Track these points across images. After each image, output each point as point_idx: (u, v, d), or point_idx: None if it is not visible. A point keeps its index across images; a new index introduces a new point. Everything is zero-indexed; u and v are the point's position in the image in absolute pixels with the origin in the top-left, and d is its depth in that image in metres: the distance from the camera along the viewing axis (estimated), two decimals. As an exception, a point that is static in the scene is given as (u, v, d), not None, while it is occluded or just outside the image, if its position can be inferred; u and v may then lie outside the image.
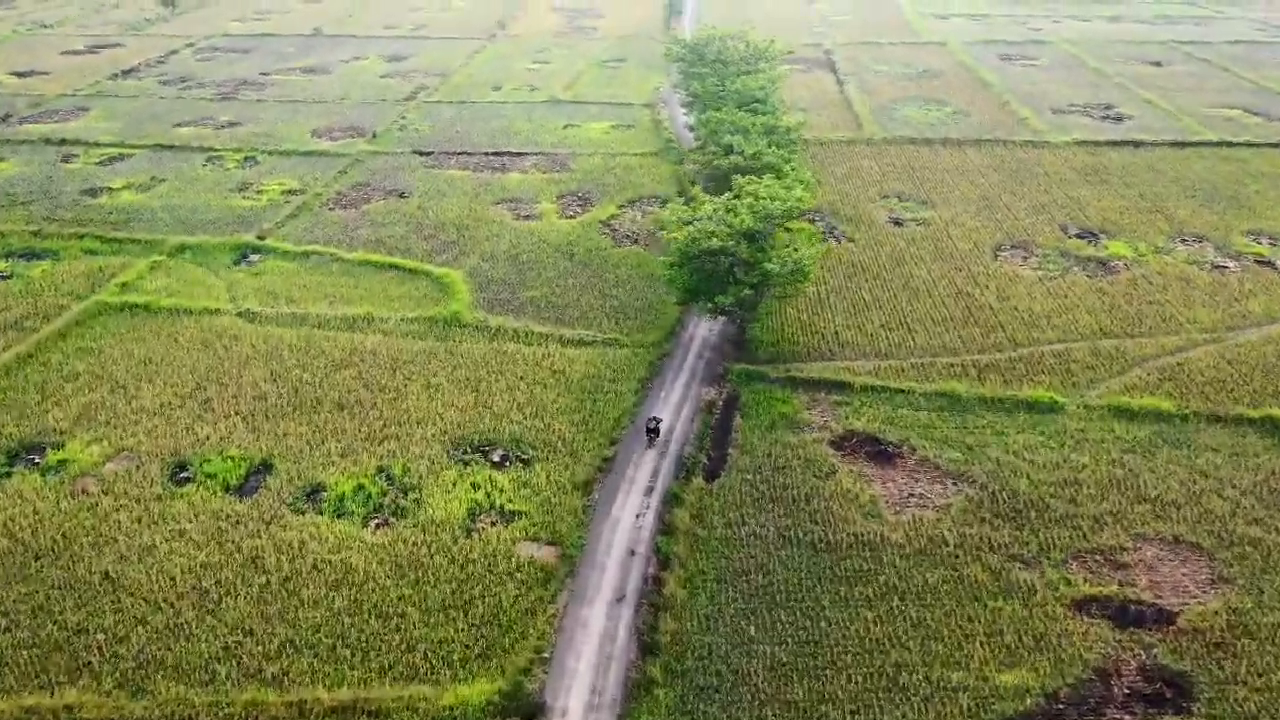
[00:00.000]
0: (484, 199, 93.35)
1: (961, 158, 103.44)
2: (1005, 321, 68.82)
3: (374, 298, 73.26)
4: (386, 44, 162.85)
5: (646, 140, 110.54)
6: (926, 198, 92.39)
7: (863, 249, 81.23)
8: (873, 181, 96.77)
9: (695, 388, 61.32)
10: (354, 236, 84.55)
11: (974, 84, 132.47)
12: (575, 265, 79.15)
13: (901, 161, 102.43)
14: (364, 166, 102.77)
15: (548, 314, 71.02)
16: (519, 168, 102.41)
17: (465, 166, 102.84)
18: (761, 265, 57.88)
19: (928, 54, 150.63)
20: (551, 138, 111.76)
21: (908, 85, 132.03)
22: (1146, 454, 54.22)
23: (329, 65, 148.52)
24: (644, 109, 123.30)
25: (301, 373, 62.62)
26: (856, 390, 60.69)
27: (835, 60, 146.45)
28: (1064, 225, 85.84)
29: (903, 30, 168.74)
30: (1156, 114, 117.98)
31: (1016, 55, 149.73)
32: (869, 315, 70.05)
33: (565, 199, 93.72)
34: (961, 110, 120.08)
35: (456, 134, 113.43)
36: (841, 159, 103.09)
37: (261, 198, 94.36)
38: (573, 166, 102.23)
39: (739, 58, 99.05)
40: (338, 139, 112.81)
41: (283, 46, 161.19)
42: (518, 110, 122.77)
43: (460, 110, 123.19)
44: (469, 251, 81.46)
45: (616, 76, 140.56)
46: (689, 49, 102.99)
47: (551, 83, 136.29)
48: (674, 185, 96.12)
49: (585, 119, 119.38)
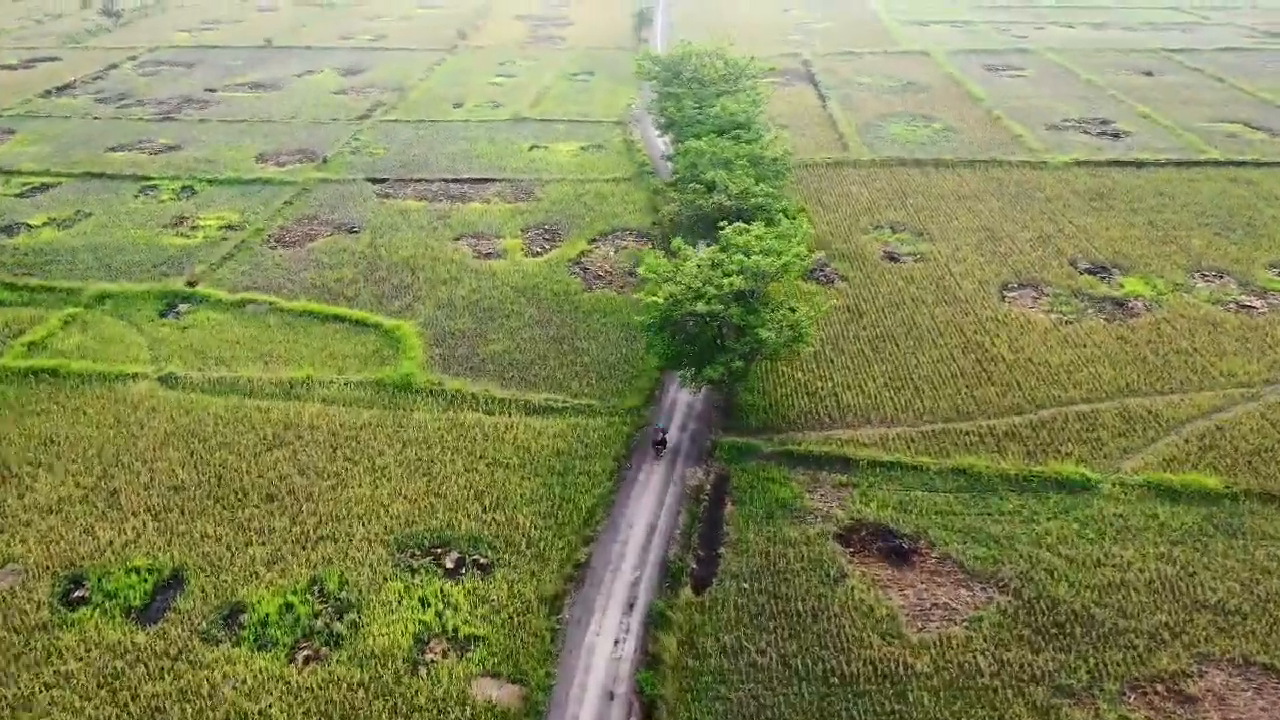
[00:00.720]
0: (442, 234, 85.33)
1: (956, 181, 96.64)
2: (1021, 378, 61.83)
3: (316, 356, 65.14)
4: (342, 56, 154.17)
5: (618, 163, 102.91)
6: (923, 228, 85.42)
7: (858, 290, 74.05)
8: (863, 209, 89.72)
9: (679, 466, 53.76)
10: (296, 281, 76.28)
11: (962, 97, 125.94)
12: (542, 313, 71.41)
13: (893, 186, 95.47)
14: (312, 197, 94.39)
15: (511, 374, 63.25)
16: (481, 196, 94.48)
17: (422, 196, 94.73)
18: (754, 331, 50.38)
19: (911, 64, 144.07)
20: (516, 161, 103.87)
21: (893, 99, 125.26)
22: (1198, 545, 47.31)
23: (280, 80, 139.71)
24: (615, 128, 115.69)
25: (227, 454, 54.43)
26: (862, 467, 53.39)
27: (815, 72, 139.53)
28: (1073, 259, 79.14)
29: (882, 39, 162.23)
30: (1155, 130, 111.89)
31: (1002, 65, 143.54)
32: (870, 371, 62.84)
33: (531, 233, 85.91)
34: (951, 127, 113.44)
35: (413, 158, 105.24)
36: (828, 184, 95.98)
37: (197, 234, 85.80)
38: (539, 195, 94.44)
39: (717, 76, 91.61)
40: (285, 164, 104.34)
41: (231, 59, 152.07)
42: (480, 130, 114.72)
43: (418, 130, 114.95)
44: (424, 298, 73.47)
45: (585, 91, 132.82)
46: (663, 66, 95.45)
47: (516, 98, 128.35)
48: (649, 214, 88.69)
49: (552, 139, 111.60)
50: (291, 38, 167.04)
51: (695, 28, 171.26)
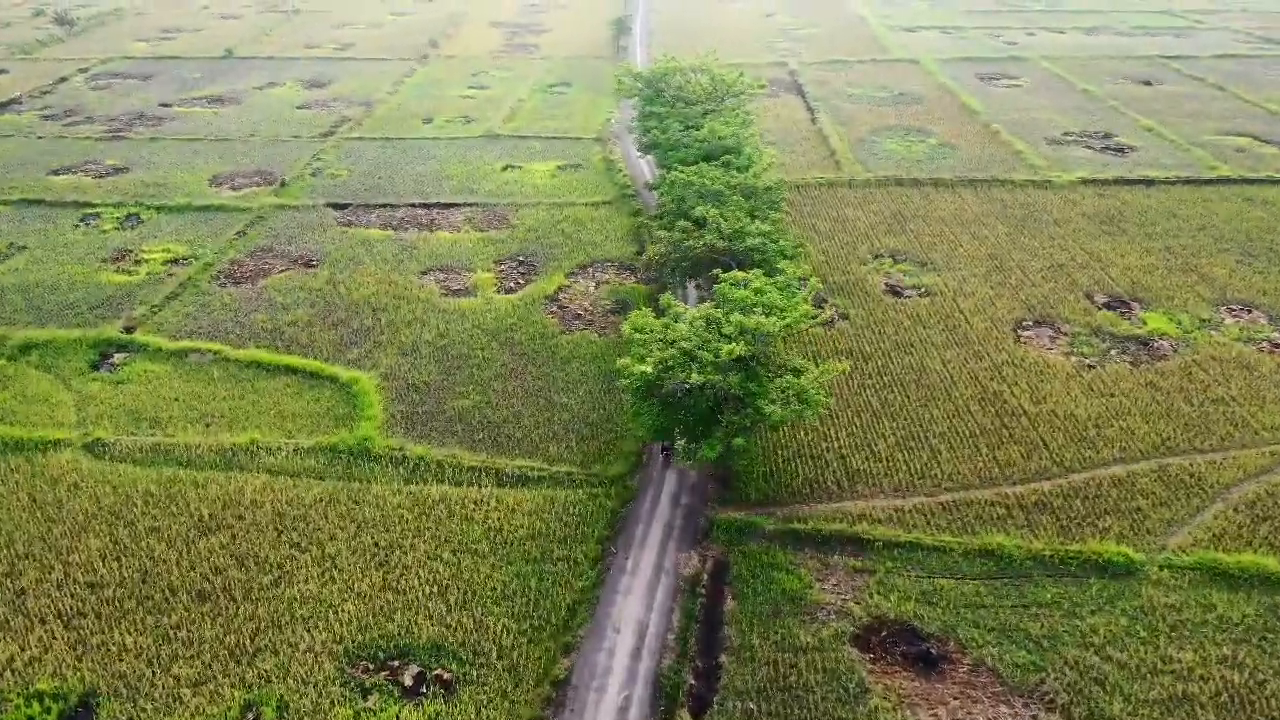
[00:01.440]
0: (408, 267, 78.69)
1: (958, 203, 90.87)
2: (1047, 435, 55.93)
3: (263, 416, 58.43)
4: (306, 67, 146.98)
5: (598, 185, 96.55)
6: (925, 257, 79.55)
7: (861, 331, 68.05)
8: (861, 235, 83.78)
9: (672, 552, 47.49)
10: (246, 325, 69.47)
11: (957, 110, 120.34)
12: (516, 359, 64.98)
13: (890, 209, 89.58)
14: (267, 225, 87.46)
15: (481, 435, 56.77)
16: (450, 223, 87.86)
17: (387, 223, 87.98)
18: (756, 404, 44.09)
19: (902, 74, 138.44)
20: (489, 184, 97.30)
21: (885, 112, 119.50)
22: (1263, 644, 41.49)
23: (239, 94, 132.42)
24: (594, 145, 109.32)
25: (155, 542, 47.70)
26: (878, 549, 47.29)
27: (803, 83, 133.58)
28: (1089, 291, 73.45)
29: (871, 46, 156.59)
30: (1161, 144, 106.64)
31: (997, 75, 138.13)
32: (879, 429, 56.79)
33: (505, 266, 79.42)
34: (948, 142, 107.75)
35: (379, 180, 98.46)
36: (823, 207, 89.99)
37: (139, 270, 78.76)
38: (514, 221, 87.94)
39: (703, 94, 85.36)
40: (241, 188, 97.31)
41: (189, 71, 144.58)
42: (450, 149, 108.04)
43: (385, 149, 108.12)
44: (386, 344, 66.86)
45: (562, 105, 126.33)
46: (645, 83, 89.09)
47: (490, 113, 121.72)
48: (631, 243, 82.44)
49: (528, 158, 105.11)
50: (254, 47, 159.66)
51: (675, 34, 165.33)
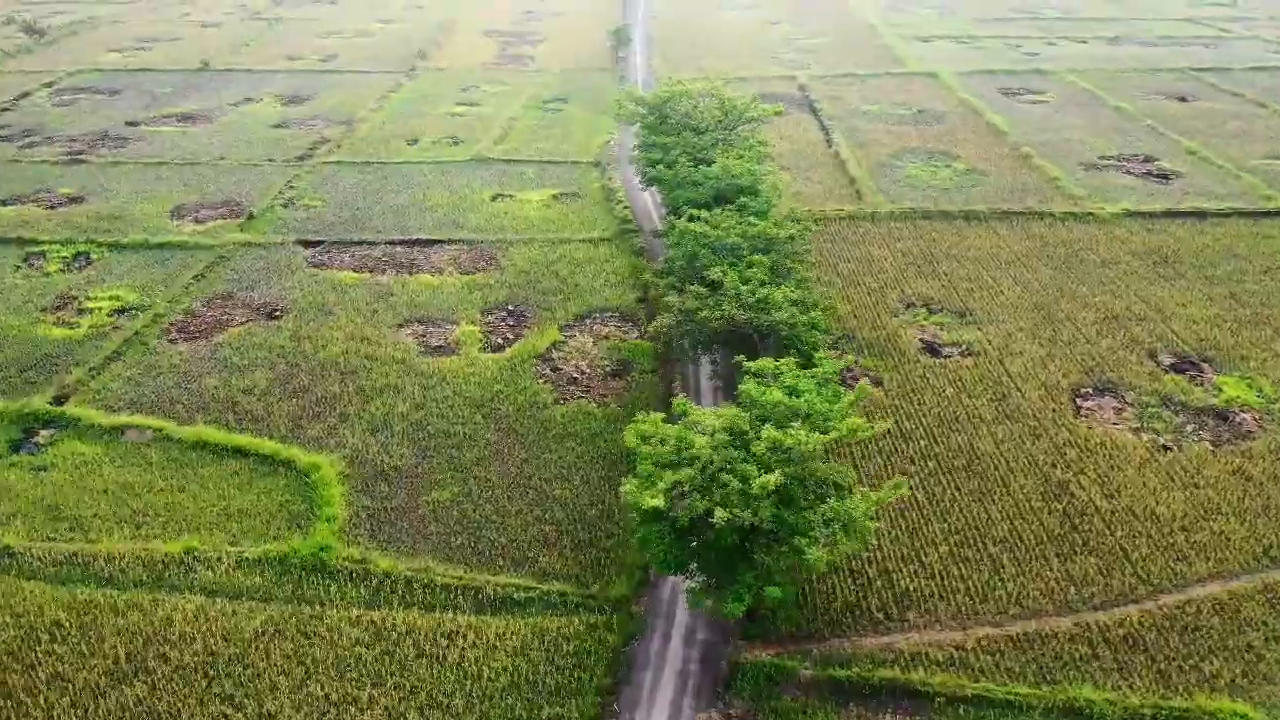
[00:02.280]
0: (383, 318, 70.12)
1: (993, 239, 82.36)
2: (1126, 541, 47.43)
3: (204, 515, 49.85)
4: (286, 81, 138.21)
5: (596, 218, 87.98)
6: (963, 306, 71.06)
7: (898, 401, 59.53)
8: (889, 279, 75.25)
9: (686, 710, 38.89)
10: (195, 393, 60.87)
11: (982, 130, 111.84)
12: (502, 437, 56.45)
13: (920, 246, 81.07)
14: (230, 266, 78.82)
15: (460, 539, 48.24)
16: (432, 264, 79.26)
17: (363, 264, 79.36)
18: (794, 542, 35.46)
19: (919, 89, 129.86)
20: (477, 216, 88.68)
21: (906, 132, 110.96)
22: None
23: (212, 110, 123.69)
24: (591, 170, 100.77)
25: (55, 696, 39.11)
26: (939, 706, 38.77)
27: (815, 99, 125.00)
28: (1152, 349, 64.99)
29: (884, 58, 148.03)
30: (1207, 170, 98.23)
31: (1020, 90, 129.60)
32: (928, 532, 48.27)
33: (492, 317, 70.87)
34: (976, 168, 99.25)
35: (356, 212, 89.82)
36: (845, 245, 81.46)
37: (82, 322, 70.14)
38: (503, 261, 79.38)
39: (713, 121, 76.72)
40: (205, 220, 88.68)
41: (161, 85, 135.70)
42: (436, 175, 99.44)
43: (364, 176, 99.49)
44: (354, 417, 58.29)
45: (558, 123, 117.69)
46: (648, 108, 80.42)
47: (480, 133, 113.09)
48: (632, 288, 73.99)
49: (520, 185, 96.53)
50: (232, 58, 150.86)
51: (676, 44, 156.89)
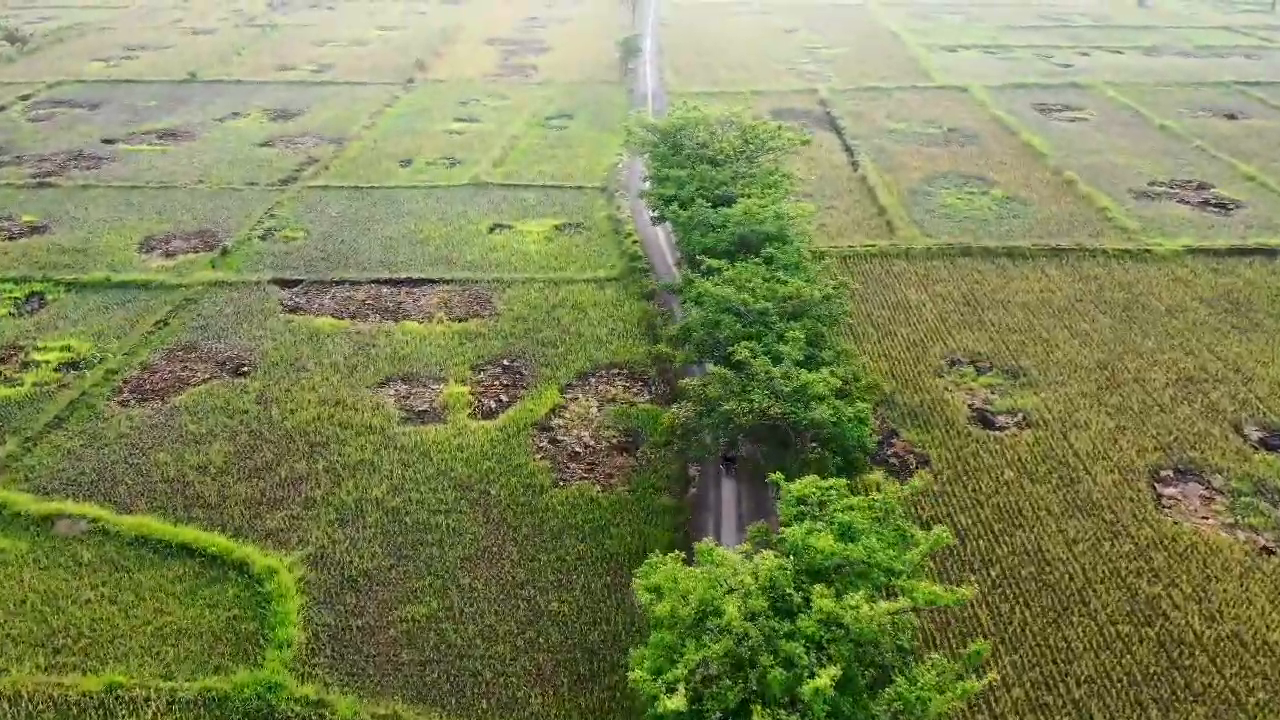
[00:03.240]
0: (362, 376, 62.42)
1: (1042, 281, 74.27)
2: (1237, 681, 39.35)
3: (137, 638, 42.14)
4: (276, 93, 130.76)
5: (602, 253, 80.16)
6: (1015, 363, 63.04)
7: (949, 487, 51.52)
8: (930, 330, 67.26)
9: None
10: (142, 470, 53.21)
11: (1019, 151, 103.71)
12: (491, 530, 48.67)
13: (961, 289, 73.05)
14: (196, 311, 71.22)
15: (436, 671, 40.46)
16: (421, 308, 71.55)
17: (344, 307, 71.67)
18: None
19: (949, 104, 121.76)
20: (472, 251, 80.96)
21: (937, 154, 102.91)
22: None
23: (195, 126, 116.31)
24: (598, 197, 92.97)
25: None
26: None
27: (836, 115, 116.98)
28: (1236, 421, 56.87)
29: (909, 69, 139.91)
30: (1270, 198, 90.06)
31: (1057, 105, 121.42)
32: (998, 666, 40.24)
33: (484, 374, 63.13)
34: (1016, 196, 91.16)
35: (340, 245, 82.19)
36: (877, 286, 73.49)
37: (26, 379, 62.56)
38: (498, 305, 71.63)
39: (732, 152, 68.77)
40: (176, 254, 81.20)
41: (144, 98, 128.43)
42: (429, 202, 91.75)
43: (352, 202, 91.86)
44: (321, 503, 50.54)
45: (562, 142, 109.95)
46: (661, 135, 72.45)
47: (478, 153, 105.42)
48: (642, 338, 66.19)
49: (520, 213, 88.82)
50: (221, 69, 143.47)
51: (688, 53, 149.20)
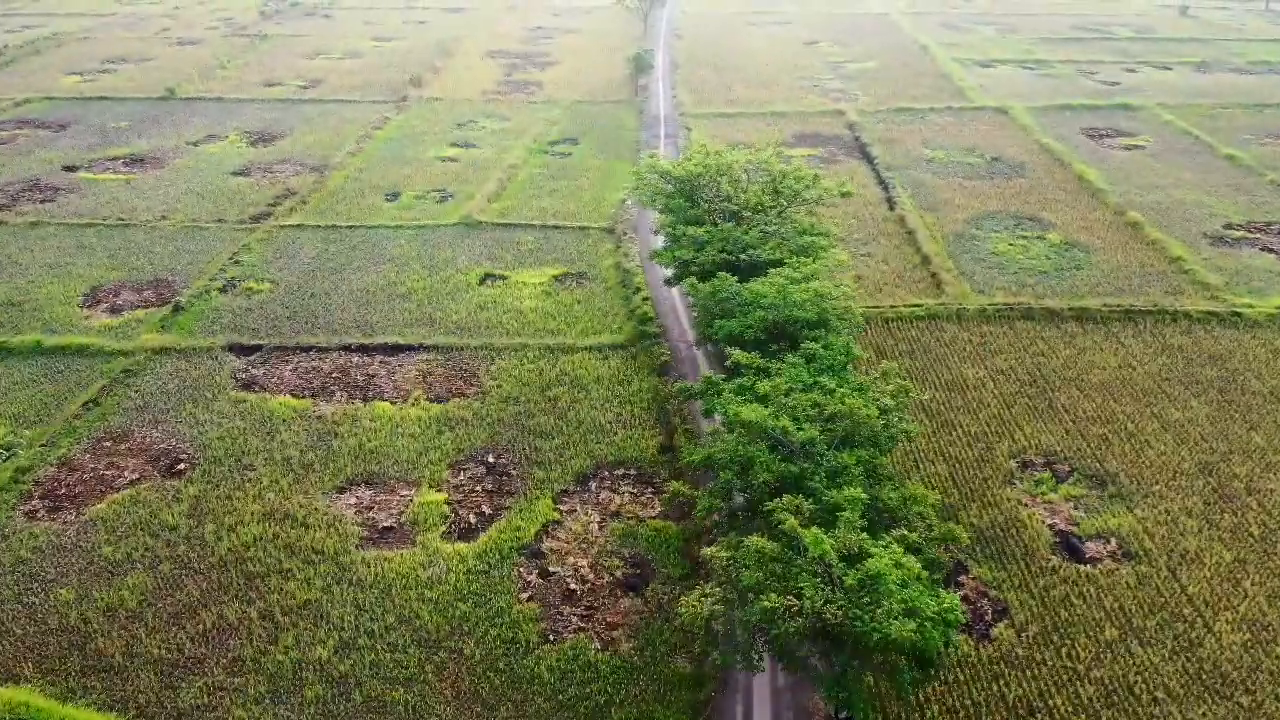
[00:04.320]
0: (319, 477, 52.35)
1: (1119, 353, 63.75)
2: None
3: None
4: (258, 113, 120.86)
5: (607, 312, 69.97)
6: (1100, 465, 52.56)
7: (1036, 651, 41.09)
8: (994, 418, 56.82)
9: None
10: (34, 616, 43.21)
11: (1073, 186, 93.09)
12: (460, 712, 38.46)
13: (1025, 363, 62.59)
14: (135, 387, 61.26)
15: None
16: (396, 384, 61.46)
17: (306, 383, 61.61)
18: None
19: (988, 128, 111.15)
20: (459, 307, 70.86)
21: (982, 190, 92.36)
22: None
23: (166, 151, 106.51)
24: (603, 240, 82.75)
25: None
26: None
27: (867, 141, 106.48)
28: (1381, 551, 46.39)
29: (942, 87, 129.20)
30: (1366, 246, 79.43)
31: (1108, 130, 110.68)
32: None
33: (464, 473, 53.01)
34: (1075, 241, 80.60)
35: (310, 301, 72.20)
36: (927, 359, 63.07)
37: (-80, 477, 52.77)
38: (485, 380, 61.51)
39: (760, 206, 58.14)
40: (122, 310, 71.40)
41: (116, 118, 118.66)
42: (415, 244, 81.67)
43: (328, 245, 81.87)
44: (251, 667, 40.42)
45: (566, 171, 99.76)
46: (676, 184, 61.83)
47: (472, 185, 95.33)
48: (655, 426, 56.03)
49: (515, 260, 78.68)
50: (202, 85, 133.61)
51: (704, 68, 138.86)
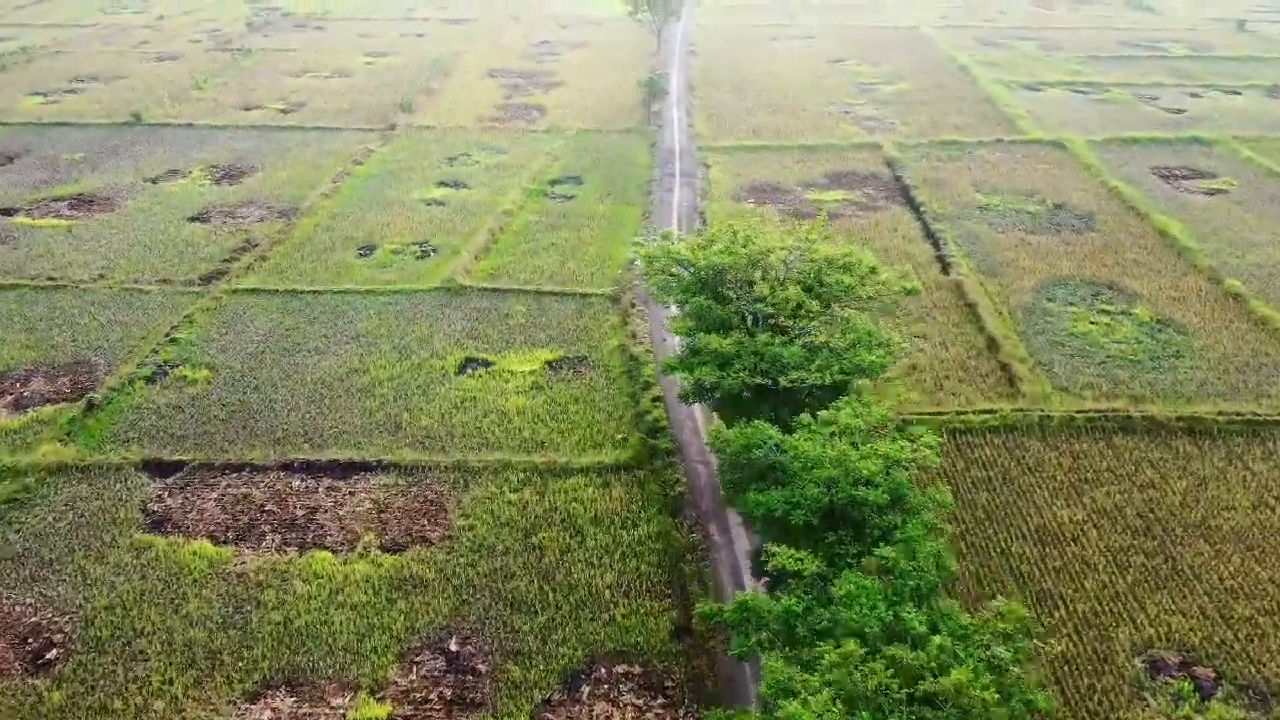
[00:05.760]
0: (231, 671, 40.06)
1: (1251, 486, 50.84)
2: None
3: None
4: (229, 142, 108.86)
5: (610, 414, 57.56)
6: (1257, 672, 39.87)
7: None
8: (1103, 588, 44.11)
9: None
10: None
11: (1153, 243, 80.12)
12: None
13: (1134, 500, 49.83)
14: (16, 525, 49.05)
15: None
16: (342, 523, 49.11)
17: (232, 518, 49.31)
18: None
19: (1046, 166, 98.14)
20: (431, 407, 58.53)
21: (1048, 245, 79.47)
22: None
23: (120, 190, 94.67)
24: (607, 311, 70.33)
25: None
26: None
27: (909, 182, 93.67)
28: None
29: (987, 114, 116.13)
30: None
31: (1183, 170, 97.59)
32: None
33: (416, 670, 40.61)
34: (1169, 319, 67.75)
35: (253, 396, 60.00)
36: (1008, 492, 50.35)
37: None
38: (454, 518, 49.11)
39: (798, 304, 45.34)
40: (27, 408, 59.62)
41: (72, 147, 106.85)
42: (386, 317, 69.42)
43: (285, 315, 69.72)
44: None
45: (567, 219, 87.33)
46: (693, 274, 48.65)
47: (459, 237, 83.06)
48: (664, 594, 43.69)
49: (502, 339, 66.39)
50: (172, 108, 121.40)
51: (722, 91, 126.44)
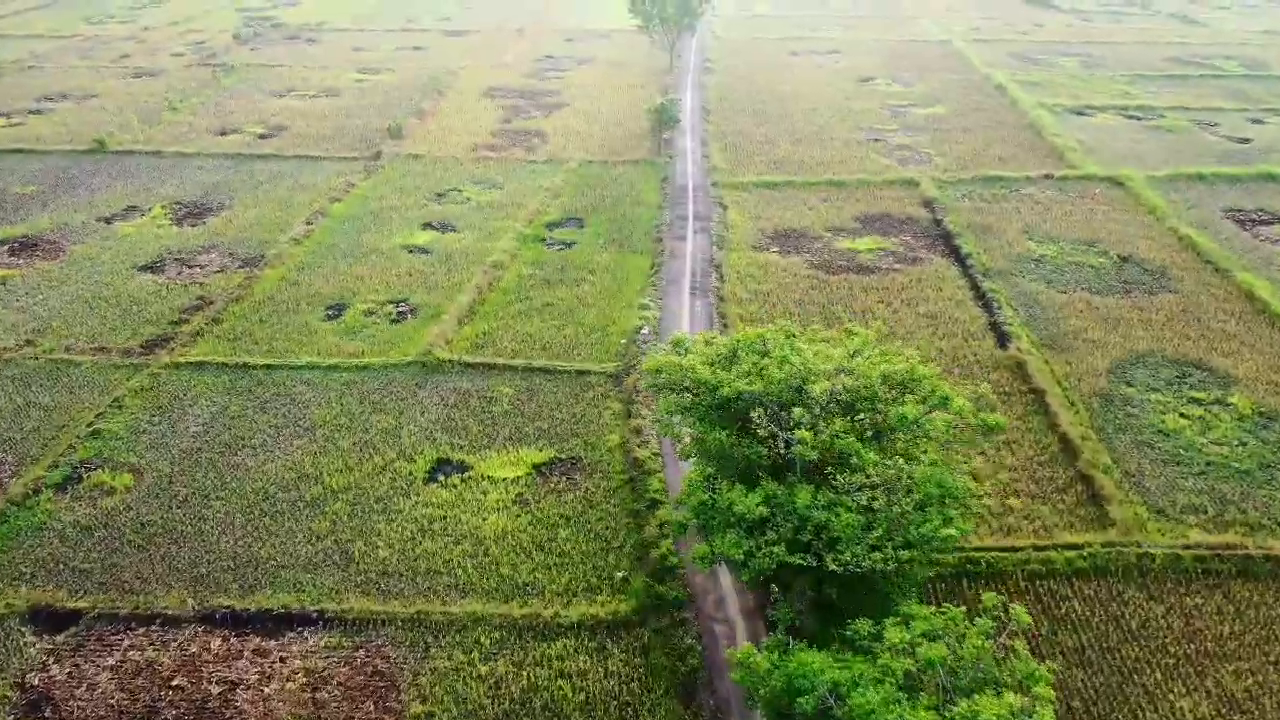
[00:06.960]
0: None
1: None
2: None
3: None
4: (197, 174, 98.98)
5: (610, 543, 47.25)
6: None
7: None
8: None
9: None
10: None
11: (1242, 306, 69.37)
12: None
13: (1270, 682, 39.31)
14: None
15: None
16: (264, 702, 38.92)
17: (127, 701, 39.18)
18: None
19: (1105, 208, 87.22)
20: (391, 532, 48.30)
21: (1119, 310, 68.77)
22: None
23: (69, 232, 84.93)
24: (608, 395, 59.98)
25: None
26: None
27: (951, 226, 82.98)
28: None
29: (1033, 144, 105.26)
30: None
31: (1260, 214, 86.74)
32: None
33: None
34: (1272, 409, 57.06)
35: (178, 512, 49.90)
36: (1109, 671, 39.82)
37: None
38: (408, 700, 38.83)
39: (848, 443, 34.72)
40: (-88, 520, 49.49)
41: (24, 179, 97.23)
42: (348, 401, 59.24)
43: (231, 398, 59.64)
44: None
45: (565, 272, 77.05)
46: (711, 399, 37.66)
47: (442, 294, 72.93)
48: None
49: (483, 435, 56.17)
50: (140, 132, 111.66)
51: (741, 117, 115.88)
